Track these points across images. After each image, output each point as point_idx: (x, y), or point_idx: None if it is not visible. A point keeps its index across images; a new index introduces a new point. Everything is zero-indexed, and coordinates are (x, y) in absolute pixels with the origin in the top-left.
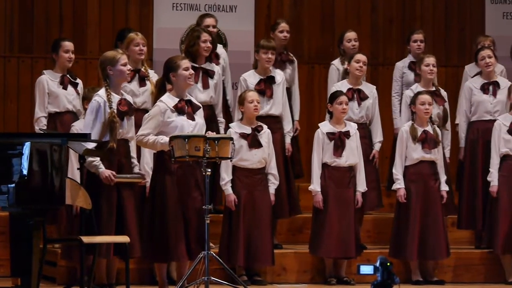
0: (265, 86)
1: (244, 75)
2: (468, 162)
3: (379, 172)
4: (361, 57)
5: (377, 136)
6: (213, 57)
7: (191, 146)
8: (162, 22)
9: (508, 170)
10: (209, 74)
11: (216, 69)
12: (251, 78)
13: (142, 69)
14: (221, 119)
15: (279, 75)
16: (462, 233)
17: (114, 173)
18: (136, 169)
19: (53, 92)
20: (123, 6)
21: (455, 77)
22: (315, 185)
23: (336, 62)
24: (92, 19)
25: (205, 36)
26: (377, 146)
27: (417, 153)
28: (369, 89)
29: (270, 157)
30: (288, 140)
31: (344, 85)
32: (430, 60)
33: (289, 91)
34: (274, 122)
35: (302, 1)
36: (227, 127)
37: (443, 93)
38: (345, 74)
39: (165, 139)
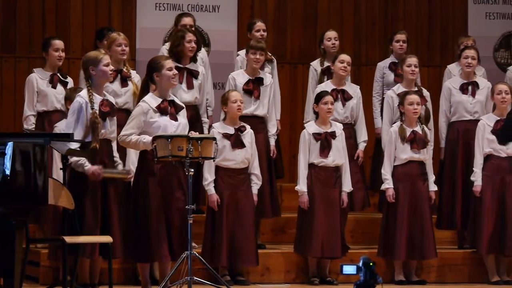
0: (254, 87)
1: (233, 74)
2: (448, 162)
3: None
4: (345, 57)
5: (362, 136)
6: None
7: (174, 146)
8: (145, 22)
9: (492, 170)
10: (194, 74)
11: (201, 69)
12: (240, 77)
13: (124, 70)
14: (205, 119)
15: (268, 77)
16: (443, 233)
17: (101, 167)
18: (120, 167)
19: (42, 90)
20: (106, 5)
21: (437, 77)
22: (302, 186)
23: (315, 63)
24: (74, 18)
25: (190, 36)
26: (361, 146)
27: (405, 153)
28: (353, 89)
29: (253, 157)
30: (272, 142)
31: (328, 86)
32: (412, 60)
33: None
34: (258, 122)
35: (285, 2)
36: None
37: (426, 93)
38: (323, 74)
39: (148, 138)
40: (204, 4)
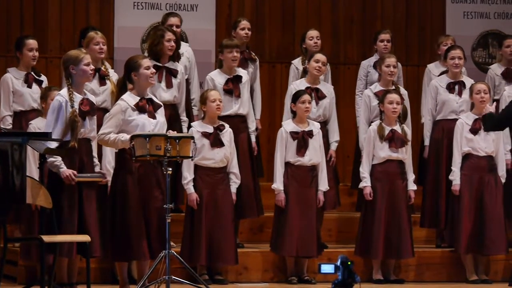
0: (233, 86)
1: (210, 74)
2: (432, 161)
3: (338, 171)
4: (320, 57)
5: (334, 136)
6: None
7: (152, 145)
8: (123, 21)
9: (470, 169)
10: (173, 73)
11: (180, 68)
12: (218, 77)
13: (102, 68)
14: (184, 118)
15: (244, 75)
16: (422, 232)
17: (75, 172)
18: (97, 169)
19: (17, 90)
20: (84, 4)
21: (415, 76)
22: (278, 184)
23: (296, 62)
24: (52, 17)
25: (169, 35)
26: (333, 146)
27: (384, 152)
28: (327, 89)
29: (232, 156)
30: (253, 139)
31: (302, 84)
32: (391, 61)
33: (250, 89)
34: (241, 121)
35: (263, 1)
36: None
37: (403, 91)
38: (304, 73)
39: (126, 136)
40: (182, 3)
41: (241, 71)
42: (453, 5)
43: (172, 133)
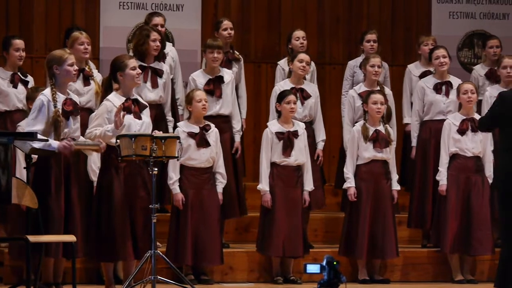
0: (214, 86)
1: (192, 75)
2: (420, 162)
3: (324, 170)
4: (304, 56)
5: (320, 135)
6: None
7: (138, 145)
8: (108, 21)
9: (457, 169)
10: (158, 73)
11: (165, 68)
12: (200, 78)
13: (87, 69)
14: (170, 117)
15: (228, 74)
16: (406, 232)
17: (70, 140)
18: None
19: (3, 90)
20: (70, 4)
21: (401, 76)
22: (264, 185)
23: (282, 62)
24: (38, 17)
25: (154, 35)
26: (320, 145)
27: (368, 152)
28: (311, 88)
29: (218, 156)
30: (237, 139)
31: (286, 85)
32: (376, 61)
33: (235, 89)
34: (223, 121)
35: (249, 1)
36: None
37: (387, 91)
38: (291, 74)
39: (112, 126)
40: (167, 3)
41: (225, 72)
42: (438, 5)
43: (158, 133)
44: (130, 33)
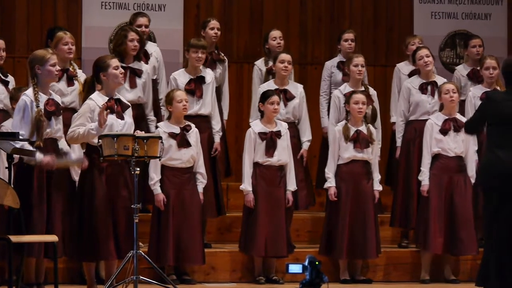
0: (195, 86)
1: (174, 74)
2: (404, 162)
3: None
4: (285, 56)
5: (305, 135)
6: (142, 56)
7: (120, 145)
8: (90, 21)
9: (440, 170)
10: (137, 73)
11: (145, 68)
12: (181, 77)
13: (71, 69)
14: (151, 117)
15: (209, 75)
16: (388, 232)
17: (54, 157)
18: (72, 155)
19: None
20: (52, 4)
21: (383, 76)
22: (246, 185)
23: (259, 63)
24: (20, 17)
25: (132, 35)
26: (305, 145)
27: (348, 152)
28: (296, 89)
29: (198, 156)
30: (217, 139)
31: (270, 86)
32: (359, 60)
33: (219, 90)
34: (203, 121)
35: (231, 1)
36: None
37: (372, 92)
38: (268, 74)
39: (95, 124)
40: (150, 3)
41: (207, 72)
42: (420, 5)
43: (140, 133)
44: (112, 33)
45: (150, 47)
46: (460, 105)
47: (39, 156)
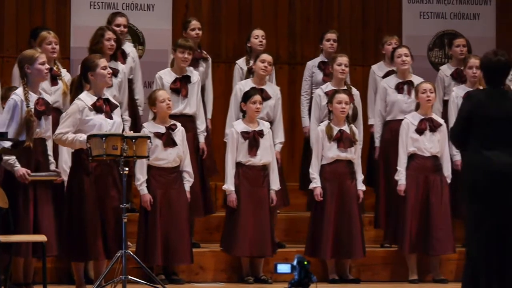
0: (181, 85)
1: (159, 73)
2: (382, 162)
3: (296, 170)
4: (266, 57)
5: (278, 137)
6: (119, 56)
7: (109, 145)
8: (79, 21)
9: (416, 169)
10: (113, 72)
11: (121, 67)
12: (167, 76)
13: (55, 68)
14: (126, 117)
15: (195, 75)
16: (372, 232)
17: (28, 171)
18: (52, 167)
19: None
20: (40, 4)
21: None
22: (229, 185)
23: (240, 61)
24: (8, 17)
25: (109, 34)
26: (277, 147)
27: (332, 152)
28: (273, 90)
29: (185, 154)
30: (202, 139)
31: (248, 85)
32: (343, 59)
33: (202, 88)
34: (188, 121)
35: (219, 1)
36: (135, 126)
37: (355, 92)
38: (249, 73)
39: (84, 137)
40: (138, 3)
41: (193, 72)
42: (409, 5)
43: (129, 133)
44: None
45: (127, 47)
46: (444, 105)
47: (17, 168)
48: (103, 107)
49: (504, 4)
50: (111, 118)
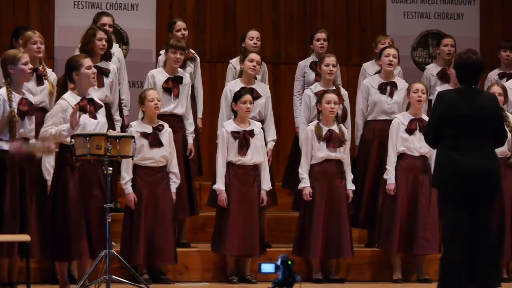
0: (173, 85)
1: (152, 71)
2: (362, 161)
3: (282, 170)
4: (255, 56)
5: (270, 135)
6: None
7: (93, 144)
8: (63, 20)
9: (405, 169)
10: (104, 72)
11: (112, 67)
12: (159, 75)
13: (40, 68)
14: (117, 117)
15: (186, 76)
16: (362, 232)
17: (21, 143)
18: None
19: None
20: (24, 4)
21: (356, 76)
22: (219, 184)
23: (234, 61)
24: None
25: (100, 34)
26: (270, 145)
27: (321, 152)
28: (262, 88)
29: (172, 155)
30: (190, 140)
31: (237, 85)
32: (331, 60)
33: (192, 89)
34: (177, 121)
35: (204, 0)
36: (120, 126)
37: (343, 92)
38: (241, 73)
39: (67, 126)
40: (122, 3)
41: (184, 74)
42: (393, 5)
43: (113, 133)
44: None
45: (113, 47)
46: (429, 105)
47: (6, 145)
48: (87, 107)
49: (488, 4)
50: (95, 118)
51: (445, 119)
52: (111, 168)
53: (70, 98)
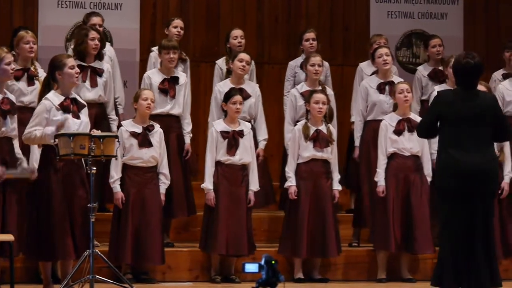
0: (169, 86)
1: (148, 72)
2: (364, 162)
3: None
4: (244, 56)
5: (261, 134)
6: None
7: (76, 144)
8: (47, 20)
9: (396, 169)
10: (98, 72)
11: (105, 67)
12: (155, 76)
13: (32, 68)
14: (113, 116)
15: (183, 77)
16: (347, 231)
17: (4, 169)
18: (24, 164)
19: None
20: (8, 3)
21: (340, 76)
22: (207, 184)
23: (220, 62)
24: None
25: (93, 34)
26: (261, 144)
27: (308, 151)
28: (252, 88)
29: (162, 156)
30: (187, 140)
31: (226, 85)
32: (316, 60)
33: None
34: (173, 121)
35: (187, 0)
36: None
37: (329, 92)
38: (228, 73)
39: (52, 129)
40: (106, 2)
41: (180, 73)
42: (377, 4)
43: (96, 133)
44: (69, 32)
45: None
46: (422, 105)
47: None
48: (70, 106)
49: (472, 4)
50: (78, 117)
51: (442, 118)
52: (94, 168)
53: (54, 97)
